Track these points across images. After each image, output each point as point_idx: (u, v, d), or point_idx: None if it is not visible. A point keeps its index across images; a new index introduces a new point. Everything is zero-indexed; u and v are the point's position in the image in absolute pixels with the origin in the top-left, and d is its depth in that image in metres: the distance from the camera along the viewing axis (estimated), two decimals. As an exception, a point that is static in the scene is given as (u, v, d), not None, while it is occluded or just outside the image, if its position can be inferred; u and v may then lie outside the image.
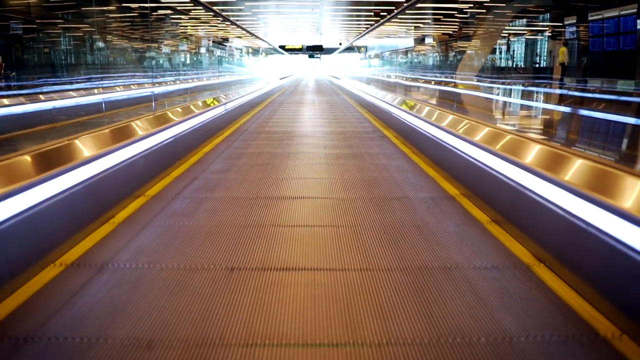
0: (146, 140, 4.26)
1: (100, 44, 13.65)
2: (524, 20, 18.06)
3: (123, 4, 12.91)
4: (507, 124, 6.15)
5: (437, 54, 21.14)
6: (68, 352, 1.92)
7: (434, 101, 9.36)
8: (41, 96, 6.87)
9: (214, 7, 14.25)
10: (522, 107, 9.54)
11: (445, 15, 16.98)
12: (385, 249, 2.90)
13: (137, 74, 12.68)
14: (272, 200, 3.92)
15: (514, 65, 18.62)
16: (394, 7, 14.71)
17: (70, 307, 2.24)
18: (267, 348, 1.95)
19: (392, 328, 2.08)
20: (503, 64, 18.71)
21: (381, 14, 16.45)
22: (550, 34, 17.55)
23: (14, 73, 9.02)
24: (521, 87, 14.38)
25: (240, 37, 23.07)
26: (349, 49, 32.42)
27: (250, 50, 30.23)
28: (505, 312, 2.22)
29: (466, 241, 3.04)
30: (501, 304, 2.30)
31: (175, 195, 3.95)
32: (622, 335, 2.04)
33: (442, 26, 18.78)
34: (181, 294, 2.36)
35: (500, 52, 18.60)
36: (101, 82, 9.63)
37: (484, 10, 15.92)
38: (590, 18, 15.44)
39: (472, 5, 14.95)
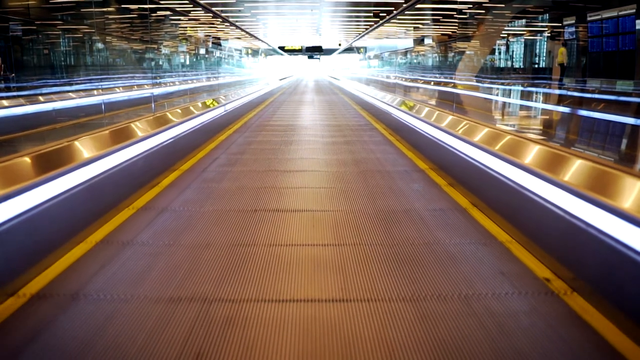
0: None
1: (100, 45, 14.68)
2: (523, 21, 19.35)
3: (122, 5, 13.99)
4: (507, 124, 7.32)
5: (436, 54, 22.56)
6: (154, 251, 3.27)
7: (433, 101, 10.67)
8: (40, 97, 7.52)
9: (213, 9, 15.58)
10: (522, 107, 10.74)
11: (445, 16, 18.37)
12: (365, 200, 4.30)
13: (137, 75, 13.83)
14: (281, 173, 5.34)
15: (513, 66, 19.89)
16: (393, 8, 16.08)
17: (148, 230, 3.62)
18: (282, 247, 3.31)
19: (363, 238, 3.46)
20: (502, 65, 20.01)
21: (380, 14, 17.82)
22: (549, 35, 18.79)
23: (13, 74, 10.13)
24: (520, 88, 15.57)
25: (239, 39, 24.58)
26: (349, 49, 34.03)
27: (249, 51, 31.80)
28: (441, 231, 3.59)
29: (425, 195, 4.44)
30: (440, 227, 3.67)
31: (204, 169, 5.39)
32: (512, 241, 3.40)
33: (441, 27, 20.17)
34: (221, 223, 3.74)
35: (500, 53, 19.89)
36: (101, 83, 10.77)
37: (483, 11, 17.30)
38: (589, 18, 16.47)
39: (471, 6, 16.32)
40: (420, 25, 20.68)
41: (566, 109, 9.41)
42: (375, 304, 2.57)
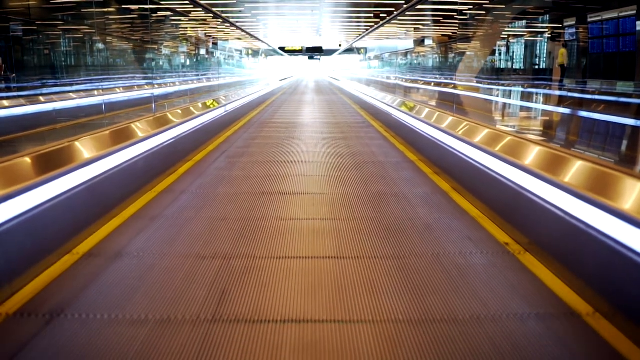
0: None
1: (100, 46, 15.30)
2: (524, 22, 20.09)
3: (123, 6, 14.66)
4: (507, 126, 7.90)
5: (437, 55, 23.34)
6: (179, 222, 4.02)
7: (433, 102, 11.37)
8: (41, 98, 7.83)
9: (214, 9, 16.34)
10: (522, 108, 11.38)
11: (445, 17, 19.14)
12: (359, 185, 5.06)
13: (137, 75, 14.48)
14: (284, 163, 6.13)
15: (513, 67, 20.61)
16: (393, 9, 16.84)
17: (172, 206, 4.37)
18: (287, 220, 4.07)
19: (356, 214, 4.21)
20: (503, 66, 20.74)
21: (381, 15, 18.59)
22: (549, 36, 19.50)
23: (14, 74, 10.73)
24: (520, 89, 16.27)
25: (240, 39, 25.41)
26: (349, 50, 34.91)
27: (250, 52, 32.67)
28: (423, 208, 4.35)
29: (412, 182, 5.20)
30: (421, 205, 4.43)
31: (215, 159, 6.15)
32: (482, 216, 4.14)
33: (441, 28, 20.94)
34: (235, 201, 4.50)
35: (500, 54, 20.62)
36: (101, 83, 11.38)
37: (484, 12, 18.06)
38: (589, 20, 17.13)
39: (471, 7, 17.07)
40: (421, 26, 21.45)
41: (566, 110, 10.06)
42: (363, 260, 3.31)
